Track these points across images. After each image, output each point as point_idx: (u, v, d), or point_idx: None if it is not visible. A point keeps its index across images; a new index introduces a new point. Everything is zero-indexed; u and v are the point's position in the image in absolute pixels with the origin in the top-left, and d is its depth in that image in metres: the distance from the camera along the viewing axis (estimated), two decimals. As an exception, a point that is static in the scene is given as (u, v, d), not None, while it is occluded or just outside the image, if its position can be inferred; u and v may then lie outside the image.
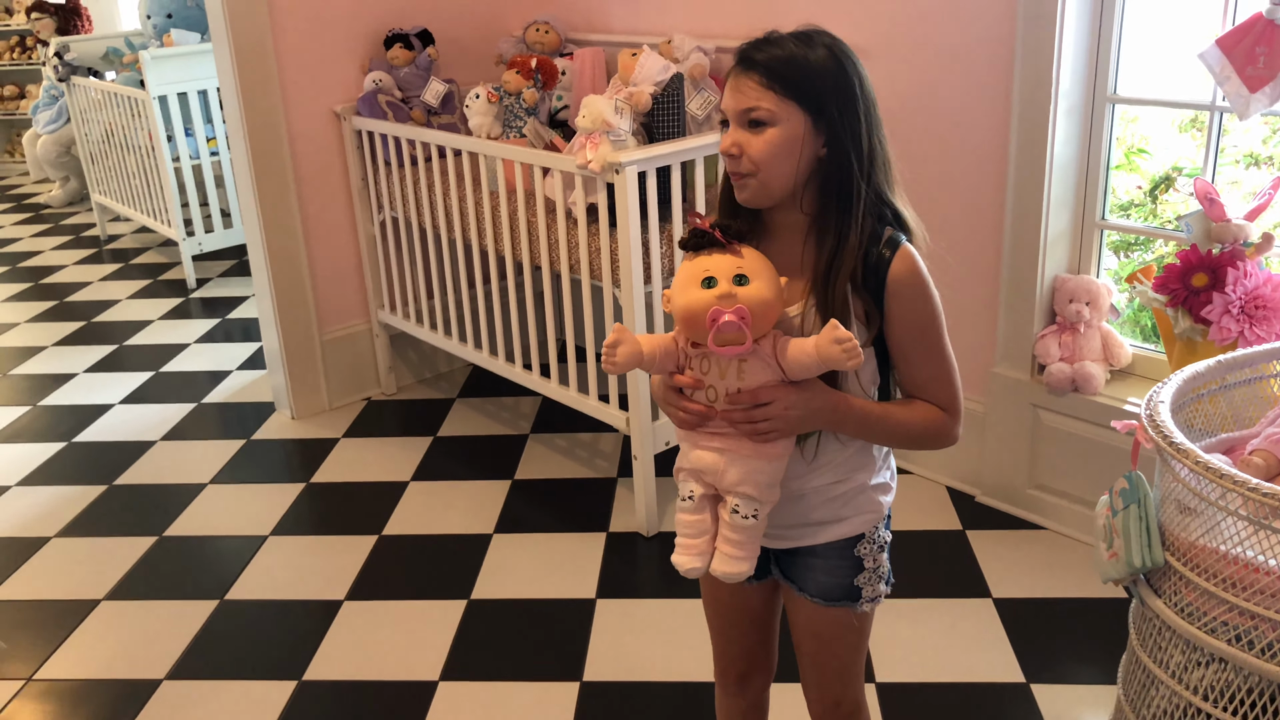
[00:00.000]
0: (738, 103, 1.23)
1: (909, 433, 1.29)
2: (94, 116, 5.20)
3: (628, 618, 2.32)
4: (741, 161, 1.23)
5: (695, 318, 1.20)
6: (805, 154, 1.23)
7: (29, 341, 4.16)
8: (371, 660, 2.22)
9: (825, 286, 1.24)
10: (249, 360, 3.85)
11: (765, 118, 1.21)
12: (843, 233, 1.24)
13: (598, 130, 2.44)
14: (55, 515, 2.87)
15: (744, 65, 1.23)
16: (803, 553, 1.39)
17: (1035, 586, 2.33)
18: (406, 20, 3.32)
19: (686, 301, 1.20)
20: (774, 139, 1.22)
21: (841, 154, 1.23)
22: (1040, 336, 2.48)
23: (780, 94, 1.21)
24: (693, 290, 1.20)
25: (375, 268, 3.38)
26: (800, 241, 1.28)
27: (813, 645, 1.46)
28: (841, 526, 1.37)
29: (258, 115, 3.09)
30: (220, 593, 2.48)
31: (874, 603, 1.41)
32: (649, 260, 2.47)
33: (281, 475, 3.03)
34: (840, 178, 1.24)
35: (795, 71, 1.21)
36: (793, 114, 1.21)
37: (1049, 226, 2.41)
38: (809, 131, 1.22)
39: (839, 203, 1.24)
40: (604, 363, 1.25)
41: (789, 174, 1.24)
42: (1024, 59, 2.31)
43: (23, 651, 2.31)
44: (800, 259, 1.28)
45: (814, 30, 1.26)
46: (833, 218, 1.25)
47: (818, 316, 1.25)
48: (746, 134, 1.23)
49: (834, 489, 1.35)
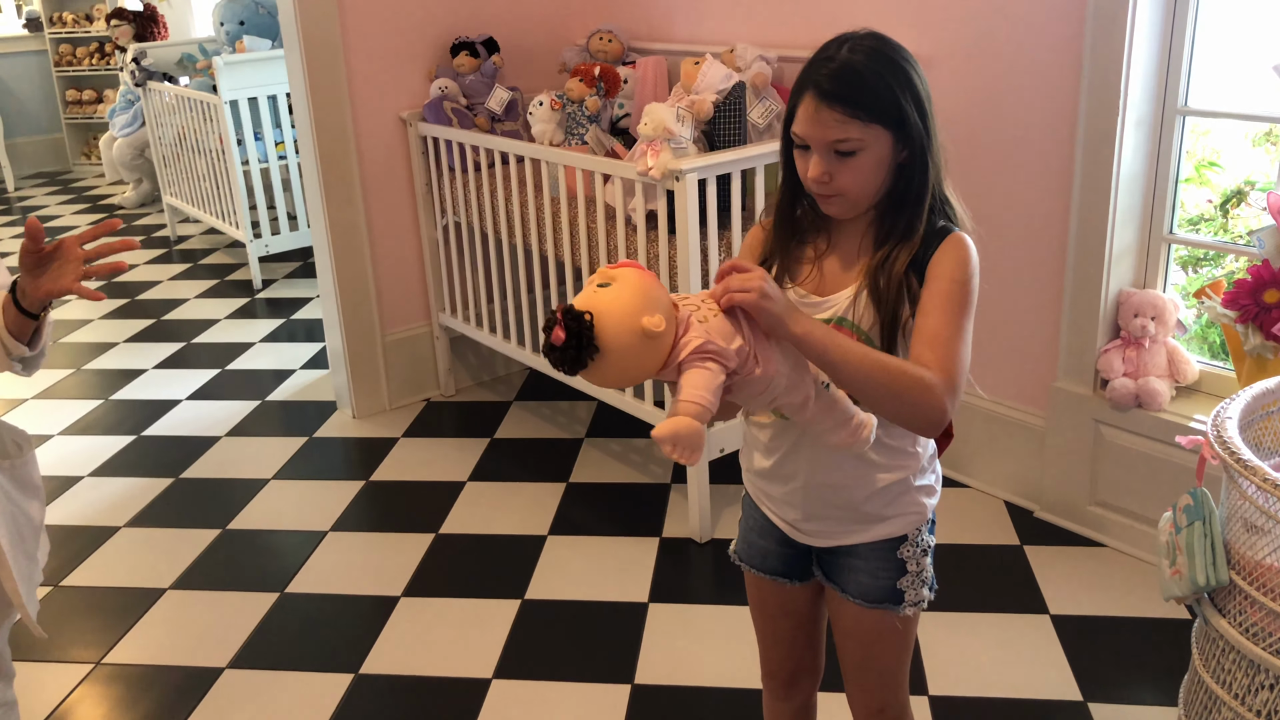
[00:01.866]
0: (823, 134, 1.23)
1: (888, 375, 1.17)
2: (167, 120, 5.36)
3: (680, 623, 2.32)
4: (832, 184, 1.25)
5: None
6: (891, 165, 1.26)
7: (101, 338, 4.29)
8: (427, 656, 2.26)
9: (878, 275, 1.26)
10: (312, 360, 3.93)
11: (854, 148, 1.22)
12: (909, 227, 1.27)
13: (659, 137, 2.46)
14: (124, 506, 2.95)
15: (822, 97, 1.22)
16: (845, 553, 1.40)
17: (1094, 604, 2.29)
18: (473, 29, 3.38)
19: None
20: (864, 165, 1.24)
21: (919, 158, 1.26)
22: (1104, 351, 2.44)
23: (865, 121, 1.22)
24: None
25: (437, 271, 3.44)
26: (862, 231, 1.31)
27: (855, 649, 1.46)
28: (885, 526, 1.37)
29: (326, 120, 3.16)
30: (281, 585, 2.54)
31: (917, 607, 1.41)
32: (707, 267, 2.48)
33: (342, 473, 3.09)
34: (916, 179, 1.26)
35: (873, 96, 1.22)
36: (879, 135, 1.23)
37: (1114, 240, 2.37)
38: (893, 145, 1.25)
39: (910, 200, 1.27)
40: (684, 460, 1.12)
41: (878, 188, 1.27)
42: (1092, 69, 2.28)
43: (91, 636, 2.39)
44: (859, 246, 1.31)
45: (869, 37, 1.26)
46: (901, 214, 1.27)
47: (870, 303, 1.26)
48: (835, 162, 1.24)
49: (872, 480, 1.34)
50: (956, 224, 1.30)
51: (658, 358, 1.11)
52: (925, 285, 1.25)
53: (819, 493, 1.37)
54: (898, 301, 1.26)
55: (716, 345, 1.11)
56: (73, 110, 7.72)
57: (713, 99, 2.63)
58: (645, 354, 1.10)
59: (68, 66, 7.63)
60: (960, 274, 1.25)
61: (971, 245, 1.28)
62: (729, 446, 2.63)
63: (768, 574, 1.50)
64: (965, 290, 1.25)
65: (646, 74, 3.11)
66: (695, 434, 1.07)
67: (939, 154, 1.28)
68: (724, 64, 2.81)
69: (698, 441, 1.07)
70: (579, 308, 1.08)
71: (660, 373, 1.12)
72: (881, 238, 1.29)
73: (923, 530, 1.39)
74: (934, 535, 1.42)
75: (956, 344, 1.23)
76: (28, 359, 1.46)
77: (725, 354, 1.12)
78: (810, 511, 1.39)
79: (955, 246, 1.27)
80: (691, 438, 1.07)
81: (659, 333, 1.08)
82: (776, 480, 1.41)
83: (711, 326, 1.13)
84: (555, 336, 1.07)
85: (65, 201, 6.87)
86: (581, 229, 2.75)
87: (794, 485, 1.38)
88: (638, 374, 1.12)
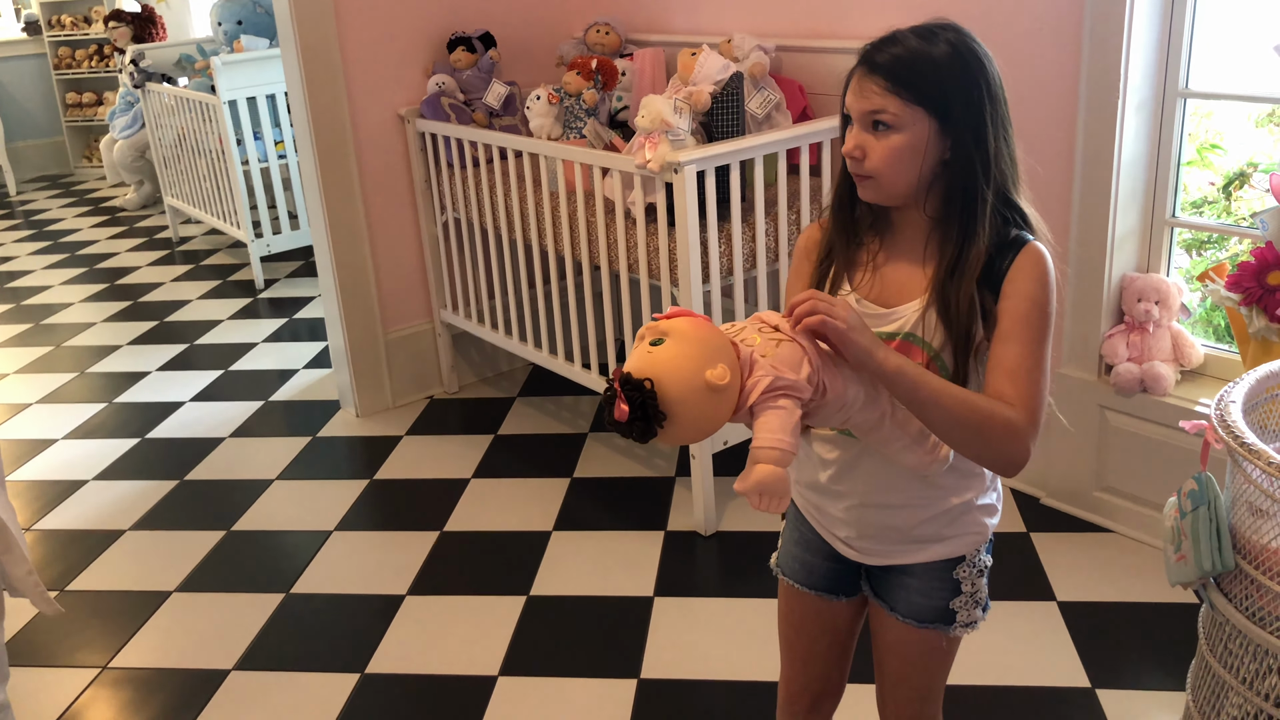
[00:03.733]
0: (861, 104, 1.19)
1: (972, 416, 1.13)
2: (167, 122, 5.36)
3: (685, 616, 2.32)
4: (863, 163, 1.20)
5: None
6: (930, 158, 1.19)
7: (105, 340, 4.30)
8: (433, 654, 2.26)
9: (947, 290, 1.20)
10: (315, 359, 3.93)
11: (890, 121, 1.18)
12: (967, 237, 1.20)
13: (657, 130, 2.44)
14: (129, 509, 2.96)
15: (868, 67, 1.19)
16: (898, 570, 1.35)
17: (1101, 590, 2.29)
18: (469, 24, 3.37)
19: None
20: (897, 144, 1.18)
21: (965, 158, 1.19)
22: (1108, 336, 2.43)
23: (905, 99, 1.17)
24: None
25: (438, 268, 3.43)
26: (923, 240, 1.25)
27: (897, 665, 1.41)
28: (943, 546, 1.32)
29: (324, 119, 3.15)
30: (287, 586, 2.54)
31: (969, 628, 1.36)
32: (707, 259, 2.47)
33: (346, 472, 3.09)
34: (964, 181, 1.20)
35: (919, 75, 1.17)
36: (918, 119, 1.18)
37: (1117, 224, 2.36)
38: (935, 135, 1.18)
39: (963, 206, 1.20)
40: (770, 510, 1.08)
41: (911, 179, 1.20)
42: (1091, 52, 2.26)
43: (98, 640, 2.39)
44: (923, 257, 1.24)
45: (939, 25, 1.21)
46: (956, 221, 1.21)
47: (939, 320, 1.20)
48: (870, 136, 1.19)
49: (939, 503, 1.29)
50: (1033, 233, 1.23)
51: (728, 407, 1.05)
52: (1002, 303, 1.19)
53: (874, 513, 1.32)
54: (970, 321, 1.19)
55: (786, 380, 1.06)
56: (73, 113, 7.72)
57: (710, 90, 2.62)
58: (715, 408, 1.04)
59: (67, 69, 7.63)
60: (1040, 294, 1.19)
61: (1049, 259, 1.21)
62: (733, 439, 2.62)
63: (812, 589, 1.43)
64: (1045, 313, 1.19)
65: (644, 66, 3.10)
66: (780, 482, 1.02)
67: (1007, 161, 1.21)
68: (721, 54, 2.80)
69: (783, 489, 1.02)
70: (636, 373, 1.02)
71: (732, 418, 1.07)
72: (943, 246, 1.22)
73: (981, 551, 1.34)
74: (991, 555, 1.37)
75: (1038, 376, 1.17)
76: None
77: (797, 386, 1.06)
78: (864, 531, 1.34)
79: (1033, 262, 1.20)
80: (775, 485, 1.02)
81: (725, 384, 1.03)
82: (830, 496, 1.35)
83: (778, 358, 1.07)
84: (619, 412, 1.01)
85: (67, 205, 6.87)
86: (581, 223, 2.74)
87: (848, 503, 1.33)
88: (711, 427, 1.06)
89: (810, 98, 2.85)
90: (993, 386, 1.17)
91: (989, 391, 1.17)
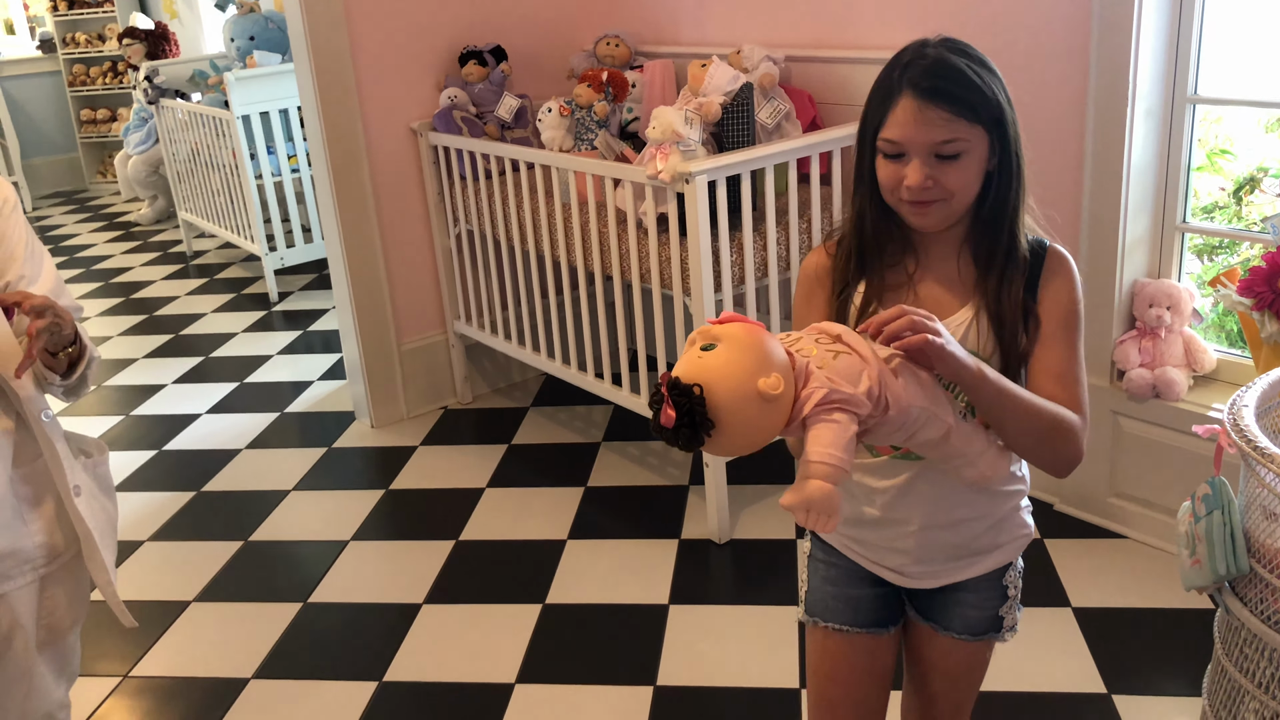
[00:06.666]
0: (928, 136, 1.15)
1: (1042, 421, 1.16)
2: (181, 137, 5.41)
3: (700, 624, 2.33)
4: (934, 190, 1.17)
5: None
6: (982, 172, 1.20)
7: (121, 354, 4.33)
8: (450, 662, 2.27)
9: (998, 296, 1.21)
10: (329, 371, 3.96)
11: (960, 149, 1.16)
12: (1011, 244, 1.22)
13: (668, 141, 2.46)
14: (148, 520, 2.98)
15: (923, 95, 1.15)
16: (951, 589, 1.33)
17: (1116, 596, 2.29)
18: (480, 37, 3.40)
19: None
20: (970, 167, 1.18)
21: (1008, 167, 1.20)
22: (1119, 342, 2.44)
23: (969, 121, 1.16)
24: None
25: (451, 279, 3.45)
26: (955, 253, 1.25)
27: (942, 682, 1.39)
28: (997, 555, 1.31)
29: (337, 132, 3.19)
30: (304, 595, 2.56)
31: (1013, 631, 1.36)
32: (719, 268, 2.49)
33: (361, 482, 3.11)
34: (1005, 189, 1.21)
35: (978, 93, 1.16)
36: (978, 137, 1.17)
37: (1127, 230, 2.37)
38: (987, 149, 1.19)
39: (1002, 214, 1.21)
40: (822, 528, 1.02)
41: (974, 195, 1.21)
42: (1100, 59, 2.28)
43: (119, 649, 2.42)
44: (957, 270, 1.25)
45: (950, 39, 1.21)
46: (995, 229, 1.22)
47: (990, 327, 1.21)
48: (938, 165, 1.16)
49: (996, 510, 1.29)
50: (1045, 237, 1.25)
51: (780, 418, 1.00)
52: (1041, 307, 1.21)
53: (936, 534, 1.28)
54: (1018, 325, 1.20)
55: (843, 393, 1.01)
56: (87, 129, 7.80)
57: (720, 100, 2.63)
58: (766, 418, 0.99)
59: (81, 86, 7.70)
60: (1075, 296, 1.23)
61: (1074, 263, 1.25)
62: (745, 447, 2.63)
63: (859, 628, 1.36)
64: (1078, 315, 1.22)
65: (654, 78, 3.12)
66: (829, 498, 0.97)
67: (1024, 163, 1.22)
68: (731, 65, 2.82)
69: (832, 506, 0.97)
70: (685, 378, 0.97)
71: (784, 430, 1.02)
72: (983, 256, 1.23)
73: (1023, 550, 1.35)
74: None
75: (1081, 377, 1.21)
76: (66, 387, 1.51)
77: (854, 401, 1.01)
78: (923, 555, 1.30)
79: (1063, 267, 1.23)
80: (825, 502, 0.97)
81: (778, 394, 0.98)
82: (882, 527, 1.30)
83: (836, 370, 1.02)
84: (665, 417, 0.97)
85: (82, 220, 6.94)
86: (593, 234, 2.76)
87: (906, 530, 1.28)
88: (761, 439, 1.01)
89: (820, 107, 2.86)
90: (1043, 390, 1.19)
91: (1038, 395, 1.18)
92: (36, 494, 1.49)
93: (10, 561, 1.46)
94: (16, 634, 1.50)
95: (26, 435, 1.47)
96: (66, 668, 1.62)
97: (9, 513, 1.45)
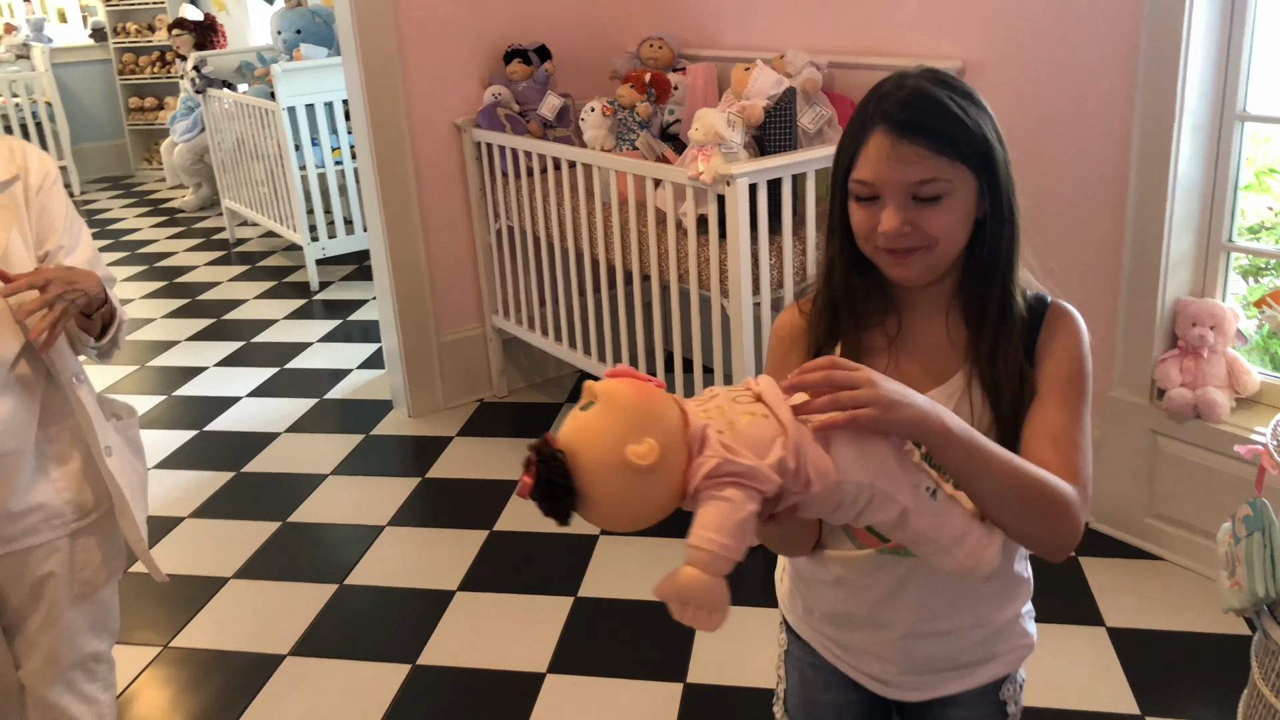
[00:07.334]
0: (903, 174, 1.02)
1: (1025, 486, 0.97)
2: (226, 126, 5.50)
3: (731, 624, 2.32)
4: (913, 236, 1.03)
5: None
6: (970, 219, 1.07)
7: (164, 336, 4.42)
8: (482, 649, 2.31)
9: (992, 361, 1.07)
10: (368, 360, 4.02)
11: (940, 190, 1.02)
12: (1005, 301, 1.07)
13: (710, 142, 2.49)
14: (188, 498, 3.05)
15: (898, 130, 1.02)
16: (940, 703, 1.18)
17: (1151, 617, 2.28)
18: (525, 36, 3.44)
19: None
20: (954, 210, 1.04)
21: (999, 214, 1.06)
22: (1160, 360, 2.43)
23: (950, 158, 1.02)
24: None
25: (490, 274, 3.50)
26: (943, 312, 1.11)
27: None
28: (992, 666, 1.17)
29: (383, 126, 3.24)
30: (340, 577, 2.60)
31: None
32: (758, 271, 2.51)
33: (397, 470, 3.15)
34: (997, 240, 1.07)
35: (961, 127, 1.03)
36: (963, 178, 1.04)
37: (1171, 248, 2.36)
38: (976, 194, 1.05)
39: (994, 267, 1.08)
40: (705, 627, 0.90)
41: (962, 244, 1.07)
42: (1147, 75, 2.27)
43: (159, 620, 2.47)
44: (946, 331, 1.10)
45: (940, 71, 1.07)
46: (986, 284, 1.08)
47: (984, 395, 1.07)
48: (917, 209, 1.03)
49: (992, 618, 1.15)
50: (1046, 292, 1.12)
51: (661, 491, 0.87)
52: (1039, 367, 1.07)
53: (923, 643, 1.14)
54: (1019, 396, 1.06)
55: (739, 464, 0.85)
56: (135, 117, 7.93)
57: (763, 104, 2.66)
58: (640, 492, 0.86)
59: (131, 75, 7.84)
60: (1079, 354, 1.08)
61: (1081, 319, 1.10)
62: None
63: None
64: (1084, 375, 1.08)
65: (697, 80, 3.15)
66: (707, 592, 0.84)
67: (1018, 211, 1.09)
68: (774, 70, 2.84)
69: (712, 599, 0.84)
70: (559, 441, 0.86)
71: (683, 504, 0.89)
72: (975, 315, 1.09)
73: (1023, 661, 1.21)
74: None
75: (1084, 443, 1.05)
76: (100, 349, 1.58)
77: (754, 475, 0.85)
78: (908, 665, 1.16)
79: (1067, 324, 1.09)
80: (702, 596, 0.84)
81: (648, 465, 0.84)
82: (861, 627, 1.17)
83: (741, 436, 0.87)
84: (521, 486, 0.85)
85: (128, 205, 7.06)
86: (633, 233, 2.79)
87: (889, 635, 1.15)
88: (641, 514, 0.88)
89: (863, 114, 2.87)
90: (1034, 454, 1.02)
91: (1025, 456, 1.02)
92: (64, 453, 1.57)
93: (38, 515, 1.54)
94: (48, 585, 1.57)
95: (56, 396, 1.55)
96: (105, 623, 1.69)
97: (36, 470, 1.52)
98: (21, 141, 1.60)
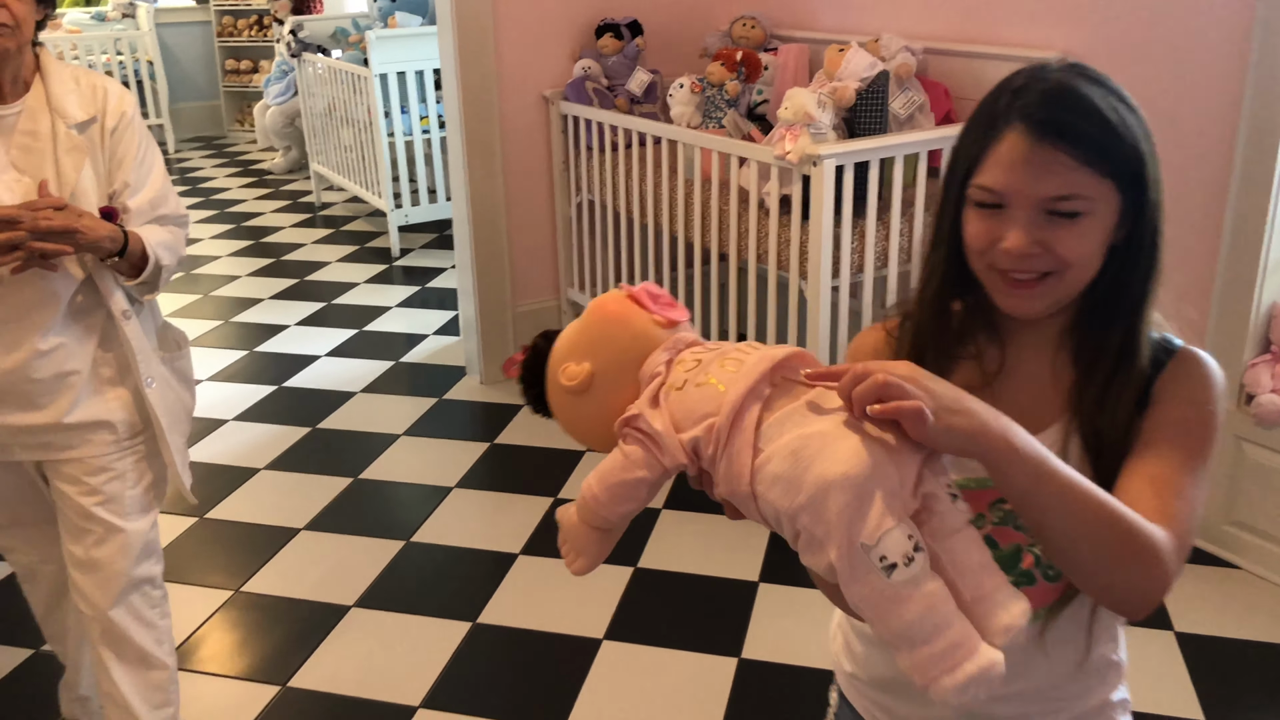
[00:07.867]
0: (1040, 186, 0.86)
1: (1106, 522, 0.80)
2: (319, 91, 5.61)
3: (788, 604, 2.34)
4: (1040, 259, 0.88)
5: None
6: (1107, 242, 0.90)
7: (248, 293, 4.54)
8: (541, 612, 2.34)
9: (1098, 417, 0.91)
10: (444, 327, 4.08)
11: (1081, 208, 0.86)
12: (1129, 345, 0.91)
13: (799, 122, 2.47)
14: (265, 450, 3.13)
15: (1039, 131, 0.86)
16: None
17: (1222, 626, 2.22)
18: (619, 11, 3.44)
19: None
20: (1092, 232, 0.88)
21: (1139, 243, 0.91)
22: (1251, 365, 2.35)
23: (1098, 172, 0.86)
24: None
25: (569, 247, 3.52)
26: (1052, 349, 0.96)
27: None
28: None
29: (474, 96, 3.27)
30: (407, 535, 2.66)
31: None
32: (839, 255, 2.49)
33: (467, 434, 3.20)
34: (1133, 273, 0.91)
35: (1112, 137, 0.87)
36: (1109, 196, 0.88)
37: (1271, 250, 2.28)
38: (1116, 214, 0.89)
39: (1121, 302, 0.92)
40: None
41: (1094, 273, 0.91)
42: (1259, 67, 2.19)
43: (231, 565, 2.55)
44: (1051, 372, 0.95)
45: (1085, 66, 0.92)
46: (1107, 321, 0.92)
47: (1084, 454, 0.91)
48: (1048, 226, 0.87)
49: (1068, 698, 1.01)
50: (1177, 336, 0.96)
51: (591, 417, 0.85)
52: (1150, 409, 0.91)
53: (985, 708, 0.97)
54: (1124, 454, 0.90)
55: (644, 424, 0.79)
56: (230, 79, 8.14)
57: (856, 86, 2.62)
58: (574, 410, 0.85)
59: (229, 37, 8.04)
60: (1205, 398, 0.91)
61: (1217, 367, 0.93)
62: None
63: None
64: (1208, 426, 0.90)
65: (788, 61, 3.12)
66: (572, 531, 0.82)
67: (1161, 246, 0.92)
68: (868, 53, 2.80)
69: (579, 543, 0.81)
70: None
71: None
72: (1086, 356, 0.93)
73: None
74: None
75: (1190, 493, 0.87)
76: (141, 285, 1.66)
77: (656, 441, 0.78)
78: None
79: (1196, 370, 0.92)
80: (569, 534, 0.82)
81: (571, 386, 0.83)
82: (913, 700, 1.02)
83: (681, 398, 0.78)
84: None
85: (219, 165, 7.25)
86: (714, 212, 2.78)
87: (944, 712, 0.98)
88: (579, 431, 0.87)
89: (955, 102, 2.82)
90: (1129, 494, 0.86)
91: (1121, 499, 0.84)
92: (118, 375, 1.69)
93: (94, 429, 1.67)
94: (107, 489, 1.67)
95: (112, 328, 1.66)
96: (154, 548, 1.77)
97: (93, 391, 1.66)
98: (104, 80, 1.69)
